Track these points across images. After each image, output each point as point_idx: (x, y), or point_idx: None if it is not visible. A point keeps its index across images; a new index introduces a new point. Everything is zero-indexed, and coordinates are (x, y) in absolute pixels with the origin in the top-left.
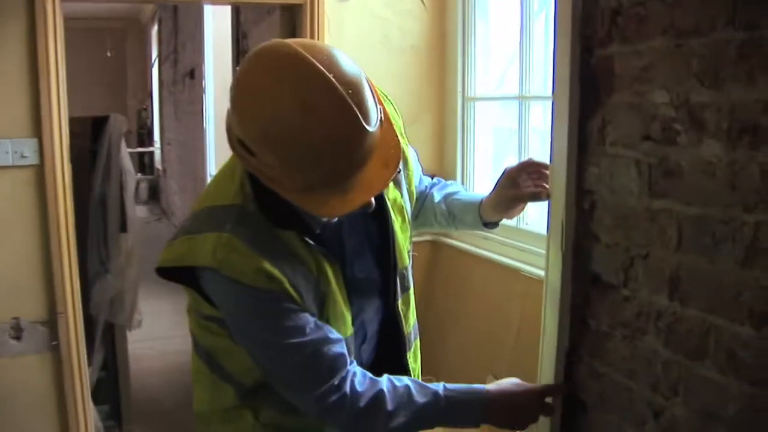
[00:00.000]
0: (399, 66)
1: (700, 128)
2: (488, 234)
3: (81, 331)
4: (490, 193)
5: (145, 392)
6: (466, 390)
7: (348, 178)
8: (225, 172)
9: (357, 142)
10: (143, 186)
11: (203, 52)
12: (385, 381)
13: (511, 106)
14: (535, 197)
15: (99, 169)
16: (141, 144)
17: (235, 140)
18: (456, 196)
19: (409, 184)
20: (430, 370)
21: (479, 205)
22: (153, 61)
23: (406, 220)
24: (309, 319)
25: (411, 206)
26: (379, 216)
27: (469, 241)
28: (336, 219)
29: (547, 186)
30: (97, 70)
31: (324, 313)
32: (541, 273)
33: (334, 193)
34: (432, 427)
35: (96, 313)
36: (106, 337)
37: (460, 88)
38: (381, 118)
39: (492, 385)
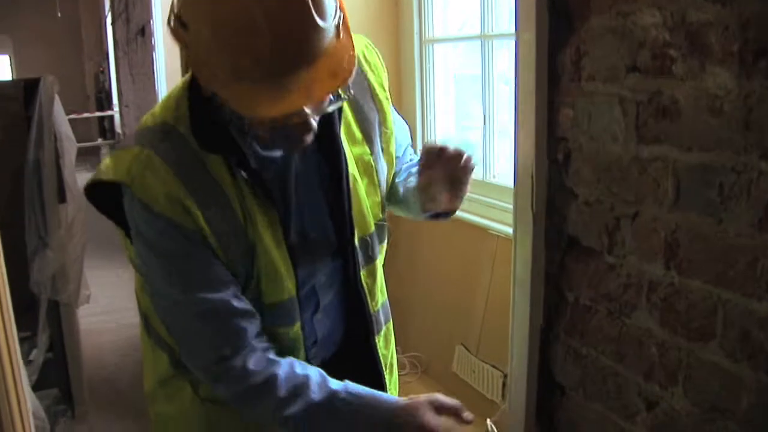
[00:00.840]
0: (348, 5)
1: (703, 53)
2: None
3: (8, 314)
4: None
5: (101, 371)
6: (369, 397)
7: (285, 73)
8: (167, 96)
9: (303, 31)
10: (104, 152)
11: (151, 6)
12: (284, 365)
13: (473, 50)
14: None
15: (32, 135)
16: (100, 108)
17: (171, 15)
18: (413, 178)
19: (386, 145)
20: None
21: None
22: (106, 19)
23: (376, 182)
24: (221, 275)
25: (388, 172)
26: (336, 170)
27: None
28: (277, 155)
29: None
30: (49, 32)
31: (254, 270)
32: (511, 231)
33: (267, 90)
34: (334, 429)
35: (37, 291)
36: (52, 315)
37: (417, 30)
38: (339, 24)
39: (405, 399)
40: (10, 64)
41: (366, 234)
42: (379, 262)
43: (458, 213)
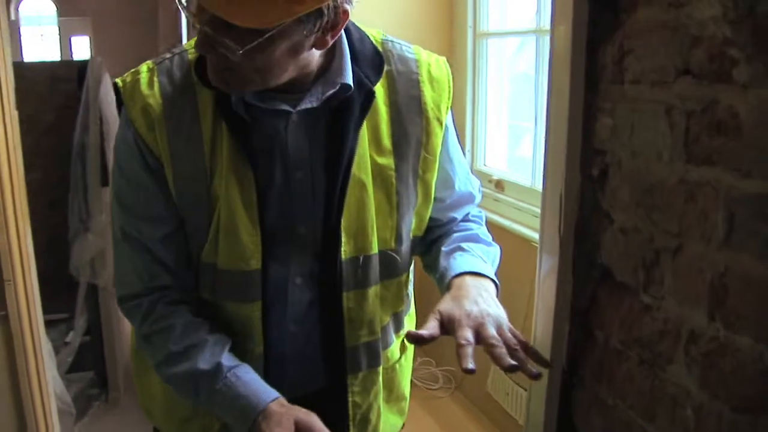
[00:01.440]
0: None
1: None
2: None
3: (35, 299)
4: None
5: None
6: (251, 387)
7: None
8: None
9: None
10: None
11: None
12: (185, 319)
13: (529, 45)
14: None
15: (79, 117)
16: None
17: None
18: (458, 254)
19: (423, 171)
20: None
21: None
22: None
23: (393, 204)
24: (163, 214)
25: (418, 204)
26: (335, 166)
27: (485, 206)
28: (264, 105)
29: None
30: (127, 14)
31: (214, 226)
32: (527, 232)
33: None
34: (211, 409)
35: (76, 274)
36: (90, 299)
37: (470, 22)
38: None
39: (282, 406)
40: (90, 46)
41: (361, 254)
42: (377, 296)
43: (503, 221)
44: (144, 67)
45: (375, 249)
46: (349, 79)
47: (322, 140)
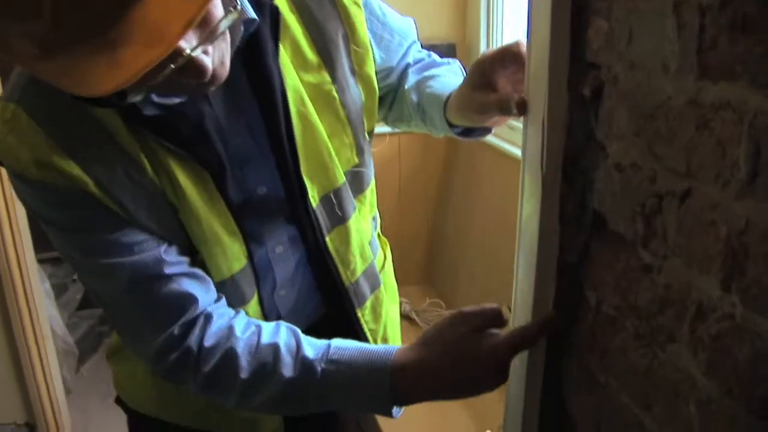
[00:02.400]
0: None
1: None
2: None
3: (23, 236)
4: (459, 85)
5: None
6: (360, 358)
7: (106, 23)
8: None
9: None
10: None
11: None
12: (246, 335)
13: None
14: (505, 107)
15: None
16: None
17: None
18: (432, 82)
19: (359, 66)
20: (444, 292)
21: (446, 100)
22: None
23: (343, 118)
24: (135, 235)
25: (366, 100)
26: (270, 108)
27: (496, 133)
28: (179, 98)
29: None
30: None
31: (190, 241)
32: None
33: (94, 53)
34: (321, 410)
35: None
36: None
37: None
38: None
39: (415, 345)
40: None
41: (330, 189)
42: (357, 218)
43: (491, 139)
44: (2, 115)
45: (341, 177)
46: (251, 11)
47: (248, 93)
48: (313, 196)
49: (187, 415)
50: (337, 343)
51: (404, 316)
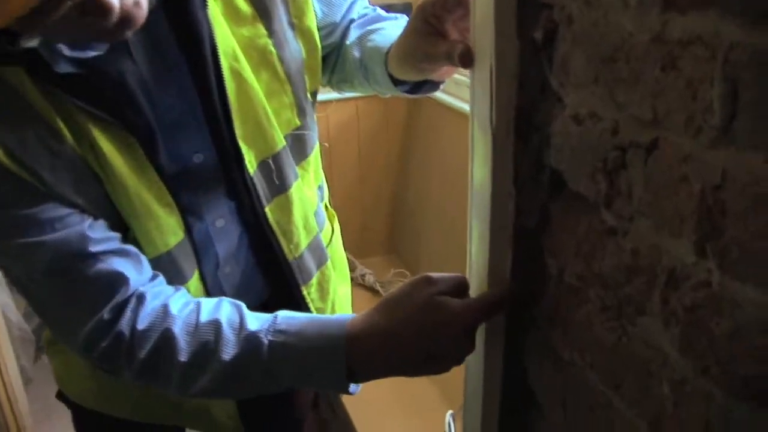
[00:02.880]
0: None
1: None
2: None
3: None
4: (400, 35)
5: None
6: (311, 327)
7: None
8: None
9: None
10: None
11: None
12: (183, 313)
13: None
14: (451, 56)
15: None
16: None
17: None
18: (374, 35)
19: (297, 19)
20: (409, 261)
21: (387, 52)
22: None
23: (281, 75)
24: (56, 210)
25: (308, 57)
26: (198, 65)
27: (455, 93)
28: (95, 51)
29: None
30: None
31: (120, 214)
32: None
33: None
34: (272, 389)
35: None
36: None
37: None
38: None
39: (372, 312)
40: None
41: (268, 154)
42: (300, 187)
43: (445, 98)
44: None
45: (281, 141)
46: None
47: (175, 49)
48: (250, 162)
49: (127, 408)
50: (285, 313)
51: (369, 288)
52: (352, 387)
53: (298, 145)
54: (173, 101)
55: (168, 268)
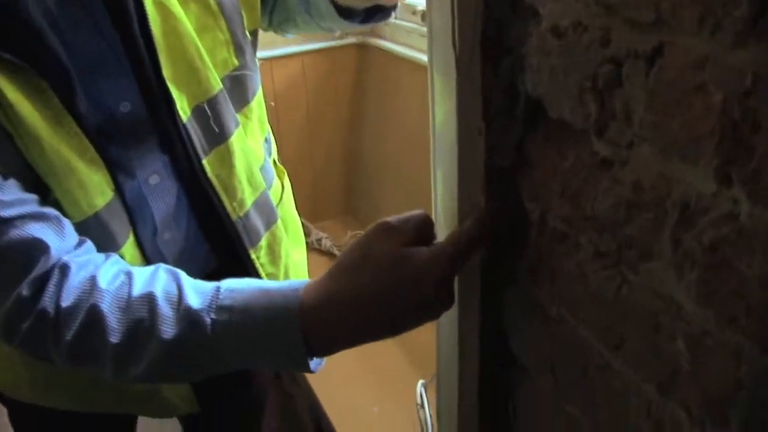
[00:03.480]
0: None
1: None
2: None
3: None
4: None
5: None
6: (258, 300)
7: None
8: None
9: None
10: None
11: None
12: (113, 286)
13: None
14: None
15: None
16: None
17: None
18: None
19: None
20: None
21: None
22: None
23: (215, 8)
24: None
25: None
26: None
27: (406, 42)
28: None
29: None
30: None
31: (32, 171)
32: None
33: None
34: (226, 370)
35: None
36: None
37: None
38: None
39: (329, 275)
40: None
41: (203, 99)
42: (242, 136)
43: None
44: None
45: (217, 83)
46: None
47: None
48: (183, 108)
49: (66, 398)
50: (229, 284)
51: (326, 253)
52: (314, 364)
53: (238, 88)
54: (90, 39)
55: (97, 234)
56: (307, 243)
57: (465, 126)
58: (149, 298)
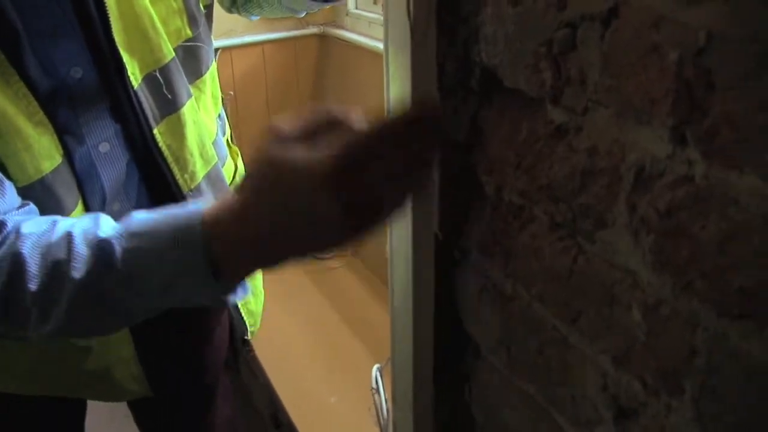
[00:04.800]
0: None
1: None
2: None
3: None
4: None
5: None
6: (166, 221)
7: None
8: None
9: None
10: None
11: None
12: (36, 231)
13: None
14: None
15: None
16: None
17: None
18: None
19: None
20: None
21: None
22: None
23: None
24: None
25: None
26: None
27: (367, 32)
28: None
29: None
30: None
31: None
32: None
33: None
34: (146, 310)
35: None
36: None
37: None
38: None
39: (234, 189)
40: None
41: (155, 66)
42: (194, 108)
43: None
44: None
45: (170, 51)
46: None
47: None
48: (134, 74)
49: (13, 380)
50: (142, 213)
51: None
52: (234, 297)
53: (191, 60)
54: (41, 3)
55: (43, 200)
56: None
57: (418, 96)
58: (68, 238)
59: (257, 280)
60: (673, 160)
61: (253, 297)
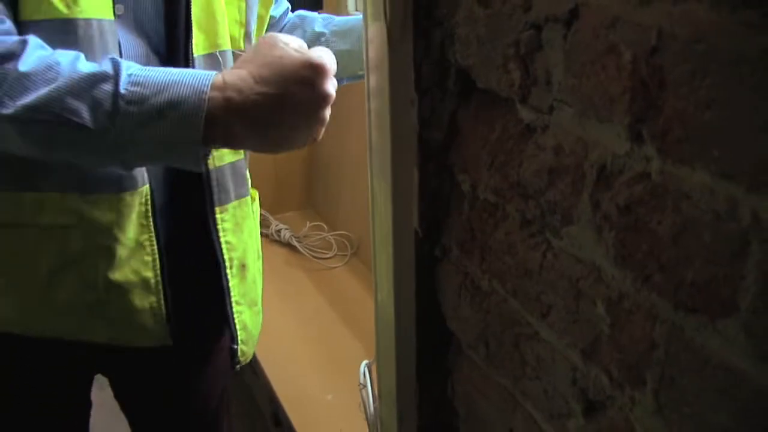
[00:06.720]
0: None
1: None
2: None
3: None
4: None
5: None
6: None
7: None
8: None
9: None
10: None
11: None
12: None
13: None
14: None
15: None
16: None
17: None
18: (336, 19)
19: None
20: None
21: None
22: None
23: None
24: None
25: (261, 4)
26: None
27: None
28: None
29: None
30: None
31: None
32: None
33: None
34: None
35: None
36: None
37: None
38: None
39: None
40: None
41: (215, 49)
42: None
43: None
44: None
45: (227, 44)
46: None
47: None
48: (197, 44)
49: (17, 322)
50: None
51: (285, 244)
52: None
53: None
54: None
55: (86, 43)
56: (266, 234)
57: (396, 96)
58: (77, 56)
59: (258, 297)
60: (631, 157)
61: (252, 315)
